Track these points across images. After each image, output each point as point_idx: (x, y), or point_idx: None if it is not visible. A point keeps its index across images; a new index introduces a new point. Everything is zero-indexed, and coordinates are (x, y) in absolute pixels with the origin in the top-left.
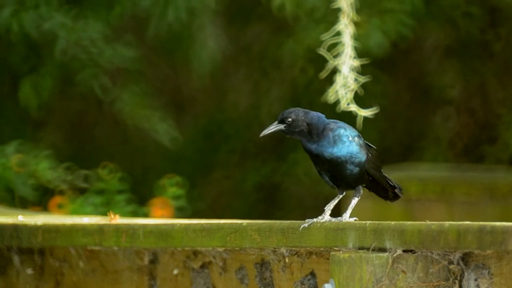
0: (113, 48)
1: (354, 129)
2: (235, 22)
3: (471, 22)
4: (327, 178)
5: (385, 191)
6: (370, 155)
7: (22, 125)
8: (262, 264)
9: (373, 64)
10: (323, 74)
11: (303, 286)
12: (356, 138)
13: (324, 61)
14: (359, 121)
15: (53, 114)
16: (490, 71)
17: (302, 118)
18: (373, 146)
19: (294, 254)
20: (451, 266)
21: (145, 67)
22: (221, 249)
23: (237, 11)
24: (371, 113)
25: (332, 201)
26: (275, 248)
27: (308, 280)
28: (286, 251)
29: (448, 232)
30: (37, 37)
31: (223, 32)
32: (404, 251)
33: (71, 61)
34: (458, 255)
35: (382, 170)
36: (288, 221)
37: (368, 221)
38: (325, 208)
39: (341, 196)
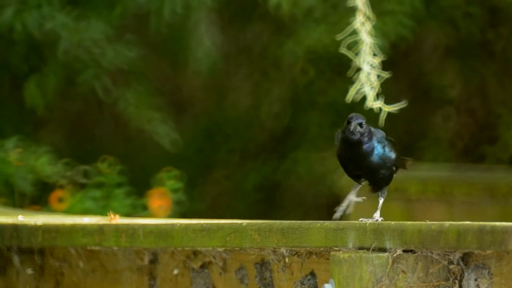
0: (114, 49)
1: (380, 131)
2: (235, 22)
3: (471, 22)
4: (354, 178)
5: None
6: (396, 152)
7: (22, 125)
8: (262, 264)
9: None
10: (350, 73)
11: (303, 286)
12: (386, 141)
13: (325, 61)
14: (383, 117)
15: (54, 110)
16: (490, 71)
17: (362, 123)
18: (391, 140)
19: (294, 254)
20: (451, 266)
21: (145, 67)
22: (221, 249)
23: (237, 11)
24: (397, 108)
25: (355, 188)
26: (275, 248)
27: (308, 280)
28: (286, 251)
29: (448, 232)
30: (40, 37)
31: (223, 31)
32: (404, 251)
33: (74, 61)
34: (458, 255)
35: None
36: (288, 221)
37: (368, 221)
38: (350, 198)
39: (360, 186)
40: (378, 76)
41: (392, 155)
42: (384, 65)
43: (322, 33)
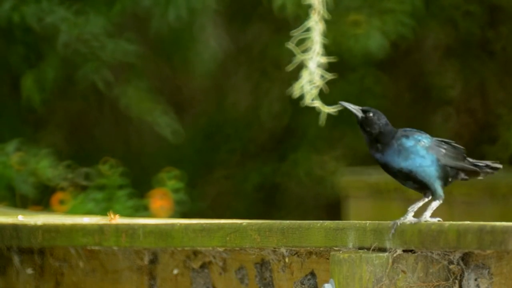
0: (114, 43)
1: (422, 133)
2: (235, 22)
3: (471, 21)
4: (409, 185)
5: (476, 173)
6: (444, 150)
7: (22, 125)
8: (262, 264)
9: (373, 65)
10: (290, 68)
11: (303, 286)
12: (422, 142)
13: (325, 61)
14: (323, 118)
15: (54, 110)
16: (490, 71)
17: (379, 123)
18: (449, 141)
19: (294, 254)
20: (451, 266)
21: (145, 67)
22: (221, 249)
23: (238, 11)
24: (334, 110)
25: (417, 202)
26: (275, 248)
27: (308, 280)
28: (286, 251)
29: (448, 232)
30: (39, 30)
31: (224, 32)
32: (404, 251)
33: (73, 55)
34: (458, 255)
35: (466, 158)
36: (288, 221)
37: (368, 221)
38: (409, 209)
39: (426, 199)
40: (322, 76)
41: (432, 154)
42: (385, 65)
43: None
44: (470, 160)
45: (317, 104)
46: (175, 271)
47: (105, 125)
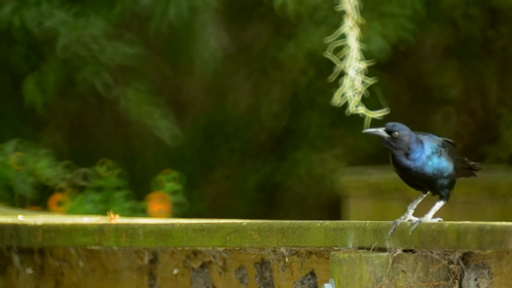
0: (114, 46)
1: (436, 138)
2: (236, 21)
3: (471, 22)
4: (414, 186)
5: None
6: (455, 160)
7: (22, 125)
8: (262, 264)
9: (373, 65)
10: (332, 78)
11: (303, 286)
12: (442, 150)
13: (325, 62)
14: (367, 123)
15: (53, 112)
16: (490, 71)
17: (405, 139)
18: (451, 141)
19: (294, 254)
20: (451, 266)
21: (145, 66)
22: (221, 249)
23: (238, 10)
24: (380, 114)
25: (416, 200)
26: (275, 248)
27: (308, 280)
28: (286, 251)
29: (448, 232)
30: (39, 34)
31: (224, 31)
32: (404, 250)
33: (73, 58)
34: (458, 254)
35: (465, 162)
36: (288, 221)
37: (368, 221)
38: (408, 208)
39: (424, 195)
40: (363, 81)
41: (449, 164)
42: (385, 65)
43: (323, 34)
44: (466, 159)
45: (362, 110)
46: (175, 271)
47: (104, 126)
